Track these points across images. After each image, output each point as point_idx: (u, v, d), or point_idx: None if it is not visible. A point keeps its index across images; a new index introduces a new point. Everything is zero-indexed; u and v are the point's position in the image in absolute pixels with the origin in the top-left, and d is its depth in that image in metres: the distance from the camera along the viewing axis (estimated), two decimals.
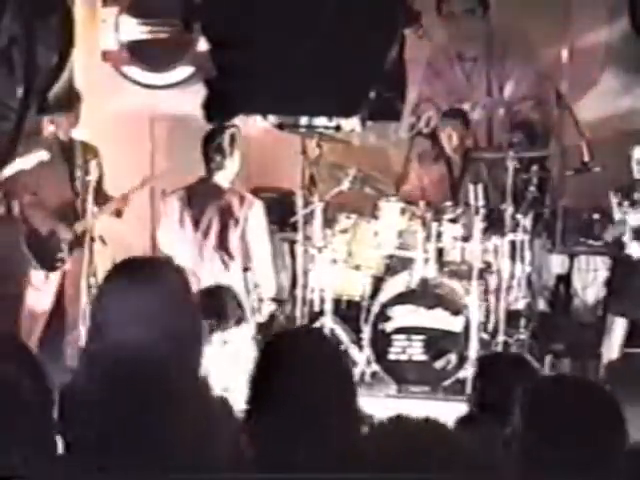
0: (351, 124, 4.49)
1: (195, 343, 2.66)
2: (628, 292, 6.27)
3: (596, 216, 6.85)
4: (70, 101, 4.85)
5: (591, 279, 7.24)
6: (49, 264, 6.63)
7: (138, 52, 7.73)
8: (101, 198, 6.75)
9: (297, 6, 3.81)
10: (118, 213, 6.87)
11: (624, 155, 6.48)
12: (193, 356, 2.60)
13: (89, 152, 6.74)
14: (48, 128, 6.75)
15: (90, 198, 6.57)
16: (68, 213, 6.65)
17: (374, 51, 3.69)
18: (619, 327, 6.39)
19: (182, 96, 7.51)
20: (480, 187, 6.40)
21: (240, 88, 3.79)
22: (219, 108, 3.90)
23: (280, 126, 5.38)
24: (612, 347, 6.42)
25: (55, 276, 6.69)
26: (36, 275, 6.66)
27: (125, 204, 6.84)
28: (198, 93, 4.41)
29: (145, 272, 2.65)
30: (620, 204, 6.23)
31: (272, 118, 4.77)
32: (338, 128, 5.45)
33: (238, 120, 4.34)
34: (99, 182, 6.74)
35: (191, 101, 6.85)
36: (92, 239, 6.63)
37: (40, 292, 6.65)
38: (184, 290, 2.69)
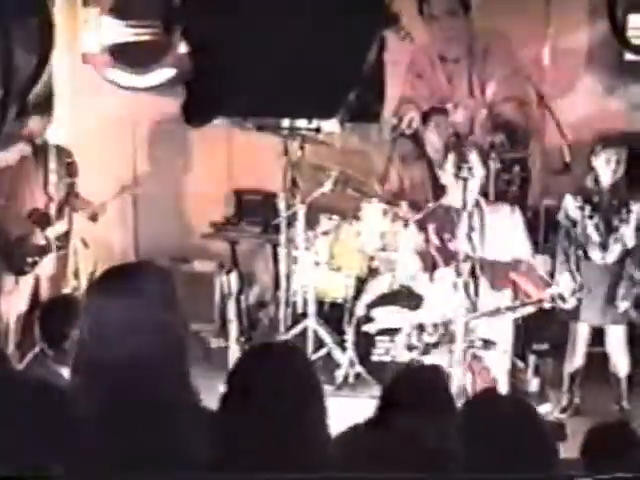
0: (331, 126, 4.51)
1: (182, 348, 2.65)
2: (590, 299, 6.20)
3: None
4: (49, 103, 4.84)
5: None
6: (18, 268, 6.56)
7: (119, 54, 7.71)
8: (75, 202, 6.72)
9: (276, 9, 3.81)
10: (94, 217, 6.82)
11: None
12: (181, 361, 2.60)
13: (63, 155, 6.69)
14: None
15: (72, 201, 6.57)
16: (41, 217, 6.58)
17: (353, 53, 3.69)
18: (583, 333, 6.36)
19: (164, 98, 7.50)
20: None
21: (219, 90, 3.79)
22: (198, 110, 3.90)
23: (260, 128, 5.38)
24: (576, 353, 6.41)
25: (28, 281, 6.63)
26: (6, 280, 6.59)
27: (103, 210, 6.80)
28: (180, 95, 4.40)
29: (128, 279, 2.65)
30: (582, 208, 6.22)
31: (252, 120, 4.78)
32: (318, 130, 5.47)
33: (218, 122, 4.36)
34: (72, 185, 6.70)
35: (173, 103, 6.87)
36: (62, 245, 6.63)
37: (11, 297, 6.58)
38: (169, 294, 2.69)
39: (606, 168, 6.14)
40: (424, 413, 3.07)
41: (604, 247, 6.20)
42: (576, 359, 6.39)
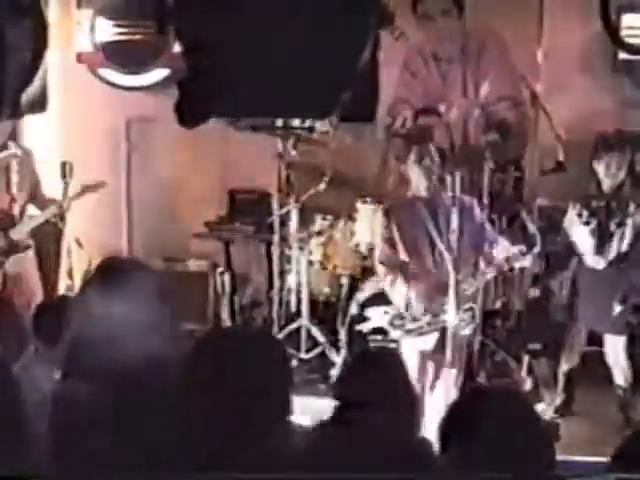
0: (325, 126, 4.52)
1: (174, 343, 2.66)
2: (588, 303, 6.22)
3: None
4: (43, 103, 4.83)
5: (567, 278, 7.25)
6: None
7: (114, 54, 7.70)
8: (40, 202, 6.69)
9: (271, 8, 3.81)
10: (61, 217, 6.76)
11: None
12: (173, 356, 2.60)
13: (27, 156, 6.66)
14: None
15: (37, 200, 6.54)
16: (3, 218, 6.56)
17: (347, 52, 3.69)
18: (581, 334, 6.34)
19: (158, 98, 7.49)
20: (457, 188, 6.40)
21: (213, 90, 3.79)
22: (192, 110, 3.90)
23: (254, 128, 5.40)
24: (573, 354, 6.38)
25: None
26: None
27: (65, 209, 6.73)
28: (174, 95, 4.40)
29: (118, 276, 2.65)
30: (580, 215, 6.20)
31: (246, 120, 4.80)
32: (312, 130, 5.49)
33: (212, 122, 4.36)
34: (36, 186, 6.67)
35: (167, 103, 6.86)
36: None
37: None
38: (159, 290, 2.70)
39: (607, 172, 6.11)
40: (379, 399, 3.07)
41: (600, 253, 6.16)
42: (572, 359, 6.37)
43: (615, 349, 6.24)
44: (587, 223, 6.15)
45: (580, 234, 6.21)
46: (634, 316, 6.51)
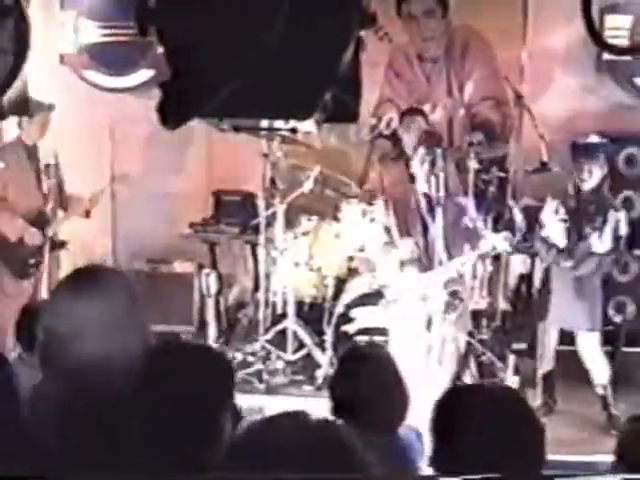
0: (307, 126, 4.51)
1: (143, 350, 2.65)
2: (560, 301, 6.21)
3: None
4: (25, 105, 4.81)
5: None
6: (20, 271, 6.52)
7: (97, 55, 7.69)
8: (64, 201, 6.72)
9: (252, 9, 3.80)
10: (87, 214, 6.82)
11: None
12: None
13: (50, 156, 6.69)
14: (14, 132, 6.69)
15: (64, 199, 6.56)
16: (38, 218, 6.58)
17: (329, 53, 3.69)
18: (552, 335, 6.30)
19: (142, 99, 7.48)
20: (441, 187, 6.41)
21: (195, 91, 3.78)
22: (174, 111, 3.88)
23: (236, 128, 5.38)
24: (545, 356, 6.36)
25: (29, 283, 6.59)
26: (7, 282, 6.54)
27: (93, 205, 6.80)
28: (158, 96, 4.39)
29: (89, 283, 2.65)
30: (557, 211, 6.20)
31: (228, 121, 4.78)
32: (294, 130, 5.46)
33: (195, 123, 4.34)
34: (60, 185, 6.72)
35: (151, 104, 6.85)
36: (56, 243, 6.63)
37: (12, 300, 6.49)
38: (129, 297, 2.69)
39: (584, 173, 6.09)
40: (370, 395, 3.07)
41: (570, 253, 6.15)
42: (546, 361, 6.35)
43: (589, 346, 6.24)
44: (563, 221, 6.16)
45: (553, 230, 6.21)
46: (616, 315, 6.53)
